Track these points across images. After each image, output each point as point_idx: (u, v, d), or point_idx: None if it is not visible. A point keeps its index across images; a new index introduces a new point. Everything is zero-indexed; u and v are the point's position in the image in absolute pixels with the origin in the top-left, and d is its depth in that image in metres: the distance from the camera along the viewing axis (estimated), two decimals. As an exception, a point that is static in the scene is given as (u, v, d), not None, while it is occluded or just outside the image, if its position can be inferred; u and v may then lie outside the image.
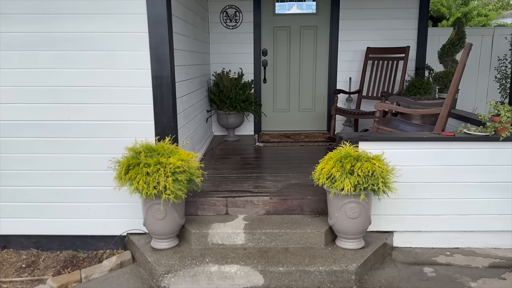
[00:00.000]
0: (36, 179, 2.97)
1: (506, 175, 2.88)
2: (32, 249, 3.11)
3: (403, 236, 3.03)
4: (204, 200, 3.05)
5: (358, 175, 2.52)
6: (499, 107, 2.83)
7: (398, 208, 2.95)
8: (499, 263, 2.84)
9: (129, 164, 2.58)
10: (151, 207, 2.67)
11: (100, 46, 2.78)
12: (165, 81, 2.83)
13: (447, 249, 3.02)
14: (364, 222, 2.71)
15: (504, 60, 3.79)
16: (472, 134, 2.88)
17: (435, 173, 2.91)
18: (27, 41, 2.77)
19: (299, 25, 5.47)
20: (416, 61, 5.33)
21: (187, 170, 2.60)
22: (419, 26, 5.28)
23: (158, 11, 2.73)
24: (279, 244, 2.79)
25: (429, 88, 4.85)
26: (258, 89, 5.48)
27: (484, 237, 3.01)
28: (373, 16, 5.26)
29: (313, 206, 3.04)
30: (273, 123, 5.71)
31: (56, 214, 3.04)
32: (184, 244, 2.84)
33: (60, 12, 2.73)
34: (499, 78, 3.66)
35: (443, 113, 3.24)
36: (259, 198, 3.05)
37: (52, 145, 2.92)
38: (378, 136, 3.01)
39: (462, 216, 2.97)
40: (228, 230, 2.80)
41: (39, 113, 2.87)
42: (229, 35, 5.36)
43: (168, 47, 2.79)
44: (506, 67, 3.71)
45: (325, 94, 5.63)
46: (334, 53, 5.40)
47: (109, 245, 3.09)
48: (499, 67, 3.82)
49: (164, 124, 2.88)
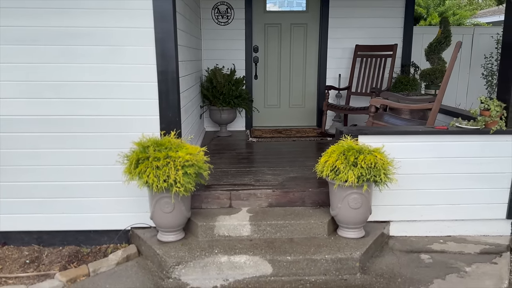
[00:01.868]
0: (40, 175, 2.96)
1: (496, 166, 3.06)
2: (33, 245, 3.09)
3: (399, 225, 3.17)
4: (208, 193, 3.11)
5: (362, 167, 2.63)
6: (489, 102, 3.00)
7: (395, 198, 3.09)
8: (489, 249, 3.02)
9: (138, 158, 2.61)
10: (159, 201, 2.71)
11: (106, 41, 2.79)
12: (170, 76, 2.87)
13: (440, 237, 3.19)
14: (365, 212, 2.83)
15: (491, 58, 4.01)
16: (464, 127, 3.04)
17: (429, 165, 3.06)
18: (33, 35, 2.75)
19: (289, 22, 5.57)
20: (402, 58, 5.52)
21: (196, 164, 2.65)
22: (405, 25, 5.46)
23: (164, 6, 2.77)
24: (284, 235, 2.88)
25: (416, 84, 5.04)
26: (249, 85, 5.54)
27: (474, 225, 3.19)
28: (361, 14, 5.41)
29: (314, 198, 3.14)
30: (264, 119, 5.79)
31: (59, 209, 3.03)
32: (191, 236, 2.90)
33: (66, 6, 2.72)
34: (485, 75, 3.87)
35: (435, 108, 3.40)
36: (261, 191, 3.13)
37: (56, 140, 2.91)
38: (377, 130, 3.14)
39: (454, 206, 3.14)
40: (234, 222, 2.87)
41: (44, 108, 2.85)
42: (220, 31, 5.40)
43: (174, 42, 2.83)
44: (492, 64, 3.92)
45: (315, 91, 5.75)
46: (323, 50, 5.53)
47: (113, 239, 3.11)
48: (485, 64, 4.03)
49: (169, 119, 2.92)
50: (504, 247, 3.04)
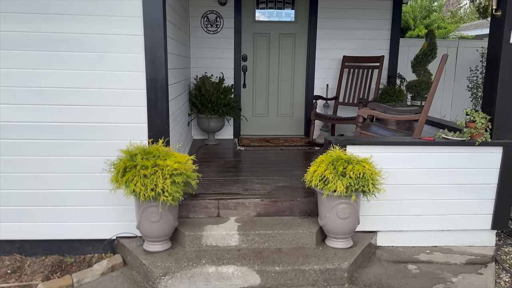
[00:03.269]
0: (22, 182, 2.89)
1: (481, 178, 3.11)
2: (15, 254, 3.01)
3: (386, 235, 3.19)
4: (196, 202, 3.08)
5: (350, 177, 2.64)
6: (474, 114, 3.05)
7: (382, 209, 3.10)
8: (474, 259, 3.05)
9: (126, 167, 2.57)
10: (146, 210, 2.67)
11: (95, 47, 2.76)
12: (159, 83, 2.84)
13: (426, 247, 3.21)
14: (353, 222, 2.83)
15: (476, 71, 4.09)
16: (450, 139, 3.08)
17: (416, 175, 3.09)
18: (16, 40, 2.70)
19: (278, 32, 5.60)
20: (388, 69, 5.60)
21: (184, 173, 2.62)
22: (392, 37, 5.55)
23: (154, 14, 2.75)
24: (272, 244, 2.86)
25: (402, 95, 5.10)
26: (238, 94, 5.54)
27: (460, 235, 3.22)
28: (349, 26, 5.48)
29: (302, 208, 3.14)
30: (252, 128, 5.79)
31: (42, 218, 2.96)
32: (178, 246, 2.85)
33: (53, 12, 2.68)
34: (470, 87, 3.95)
35: (422, 119, 3.45)
36: (250, 200, 3.11)
37: (41, 147, 2.85)
38: (365, 140, 3.16)
39: (440, 216, 3.17)
40: (222, 232, 2.84)
41: (29, 115, 2.79)
42: (209, 40, 5.40)
43: (164, 50, 2.81)
44: (477, 77, 4.01)
45: (303, 100, 5.78)
46: (311, 61, 5.57)
47: (97, 249, 3.04)
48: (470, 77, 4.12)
49: (158, 127, 2.89)
50: (489, 258, 3.07)
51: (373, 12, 5.46)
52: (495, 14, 2.92)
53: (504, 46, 2.92)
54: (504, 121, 3.03)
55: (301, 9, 5.54)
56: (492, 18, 3.00)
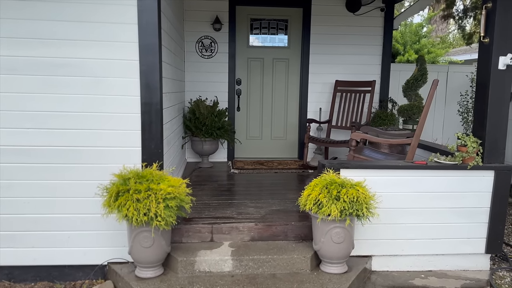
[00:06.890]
0: (13, 207, 2.85)
1: (474, 201, 3.12)
2: (3, 281, 2.94)
3: (381, 260, 3.16)
4: (189, 227, 3.05)
5: (344, 201, 2.64)
6: (466, 138, 3.09)
7: (377, 233, 3.09)
8: (469, 284, 3.04)
9: (118, 191, 2.56)
10: (139, 235, 2.63)
11: (90, 72, 2.78)
12: (154, 107, 2.86)
13: (421, 272, 3.19)
14: (348, 246, 2.81)
15: (466, 96, 4.18)
16: (442, 163, 3.11)
17: (409, 199, 3.10)
18: (12, 64, 2.72)
19: (272, 57, 5.70)
20: (380, 94, 5.69)
21: (178, 197, 2.61)
22: (383, 62, 5.67)
23: (149, 40, 2.79)
24: (266, 270, 2.82)
25: (394, 119, 5.17)
26: (232, 117, 5.58)
27: (454, 259, 3.21)
28: (341, 51, 5.59)
29: (297, 232, 3.12)
30: (246, 150, 5.80)
31: (32, 243, 2.91)
32: (170, 272, 2.81)
33: (50, 37, 2.72)
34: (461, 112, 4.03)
35: (414, 143, 3.49)
36: (244, 224, 3.09)
37: (32, 171, 2.83)
38: (358, 164, 3.18)
39: (434, 240, 3.16)
40: (216, 257, 2.80)
41: (22, 138, 2.79)
42: (204, 64, 5.47)
43: (159, 74, 2.84)
44: (467, 102, 4.09)
45: (296, 123, 5.83)
46: (305, 85, 5.65)
47: (88, 275, 2.98)
48: (461, 102, 4.21)
49: (152, 150, 2.89)
50: (484, 282, 3.05)
51: (364, 38, 5.58)
52: (483, 41, 3.01)
53: (493, 72, 2.99)
54: (495, 145, 3.07)
55: (294, 34, 5.66)
56: (480, 45, 3.08)
